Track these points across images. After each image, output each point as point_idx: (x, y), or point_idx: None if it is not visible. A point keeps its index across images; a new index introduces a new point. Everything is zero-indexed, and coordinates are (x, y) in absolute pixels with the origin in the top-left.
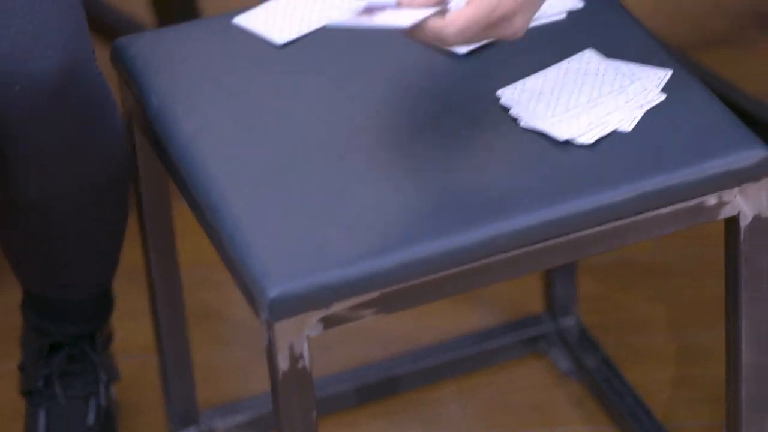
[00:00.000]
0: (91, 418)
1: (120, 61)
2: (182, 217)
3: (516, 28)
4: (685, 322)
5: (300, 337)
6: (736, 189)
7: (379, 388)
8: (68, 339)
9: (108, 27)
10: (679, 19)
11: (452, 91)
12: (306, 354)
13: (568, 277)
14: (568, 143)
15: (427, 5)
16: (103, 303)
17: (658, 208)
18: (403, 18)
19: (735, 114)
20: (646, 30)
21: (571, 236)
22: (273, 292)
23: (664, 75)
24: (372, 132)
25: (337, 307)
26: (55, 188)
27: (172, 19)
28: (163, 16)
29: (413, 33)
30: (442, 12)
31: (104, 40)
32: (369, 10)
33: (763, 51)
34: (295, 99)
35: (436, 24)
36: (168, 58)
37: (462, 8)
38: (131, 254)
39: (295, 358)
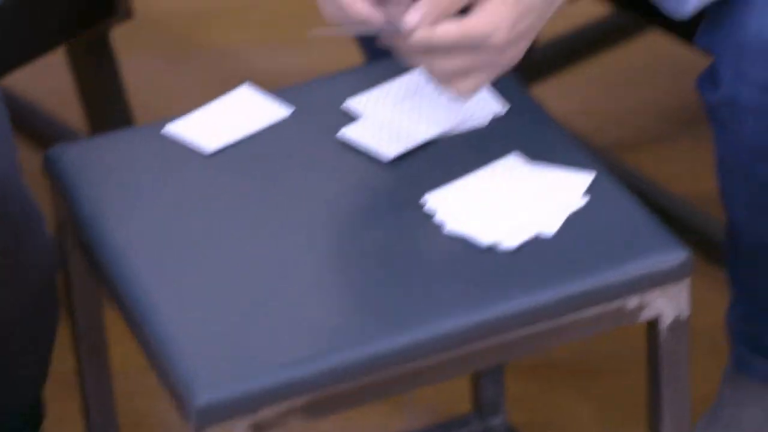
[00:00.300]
0: None
1: (52, 170)
2: (115, 324)
3: (508, 58)
4: (613, 420)
5: None
6: (657, 291)
7: None
8: None
9: (40, 134)
10: (605, 118)
11: (379, 198)
12: None
13: (496, 377)
14: (491, 247)
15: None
16: (34, 413)
17: (580, 310)
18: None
19: (659, 213)
20: (569, 134)
21: (496, 340)
22: (200, 399)
23: (586, 179)
24: (299, 240)
25: (265, 413)
26: None
27: (105, 126)
28: (96, 123)
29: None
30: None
31: (37, 147)
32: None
33: (687, 150)
34: (224, 207)
35: (424, 33)
36: (100, 167)
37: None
38: (63, 362)
39: None
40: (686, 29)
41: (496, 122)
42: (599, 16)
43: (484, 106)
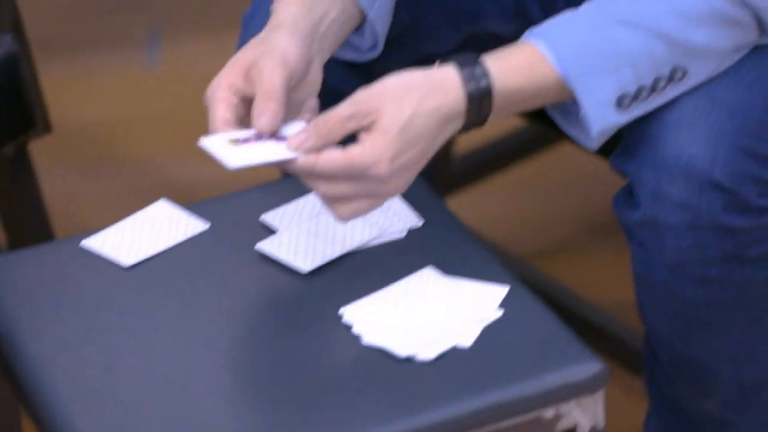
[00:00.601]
0: None
1: None
2: None
3: (390, 189)
4: None
5: None
6: (572, 402)
7: None
8: None
9: None
10: (522, 228)
11: (296, 310)
12: None
13: None
14: (409, 359)
15: (315, 150)
16: None
17: (498, 421)
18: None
19: (575, 322)
20: (484, 246)
21: None
22: None
23: (501, 291)
24: (216, 353)
25: None
26: None
27: (24, 238)
28: (15, 236)
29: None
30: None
31: None
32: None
33: (603, 259)
34: (143, 321)
35: (309, 161)
36: (17, 282)
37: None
38: None
39: None
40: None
41: (412, 235)
42: (514, 128)
43: (400, 219)
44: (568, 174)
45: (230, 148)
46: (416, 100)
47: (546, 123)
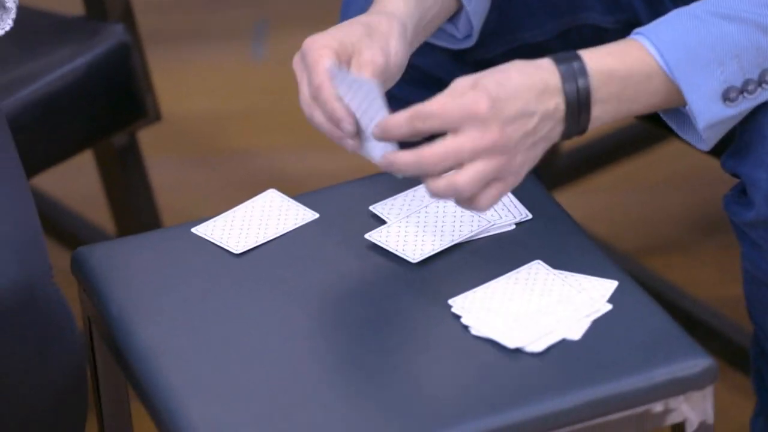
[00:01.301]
0: None
1: (80, 271)
2: (142, 421)
3: (494, 136)
4: None
5: None
6: (681, 397)
7: None
8: None
9: (68, 234)
10: (628, 224)
11: (405, 300)
12: None
13: None
14: (518, 351)
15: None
16: None
17: (606, 414)
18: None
19: (683, 319)
20: (593, 241)
21: None
22: None
23: (610, 286)
24: (327, 342)
25: None
26: (6, 408)
27: (132, 226)
28: (123, 224)
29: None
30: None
31: (65, 247)
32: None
33: (710, 256)
34: (253, 308)
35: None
36: (128, 268)
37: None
38: None
39: None
40: None
41: (521, 228)
42: (621, 124)
43: (509, 212)
44: (674, 171)
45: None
46: (512, 68)
47: (652, 121)
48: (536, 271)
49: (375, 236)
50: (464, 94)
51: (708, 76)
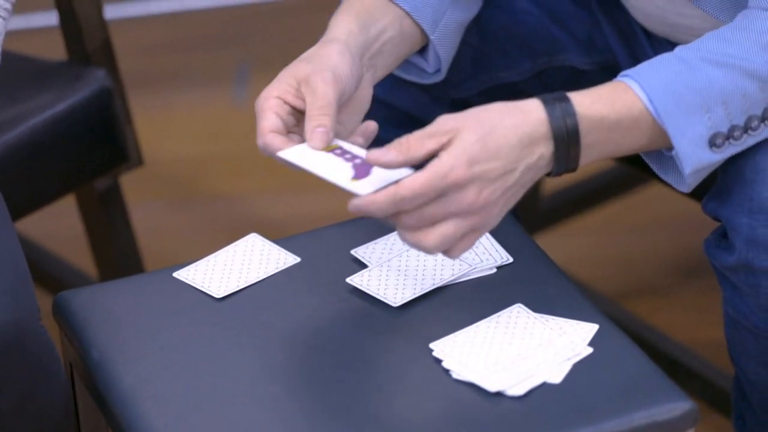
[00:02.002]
0: None
1: (62, 315)
2: None
3: (470, 200)
4: None
5: None
6: None
7: None
8: None
9: (50, 277)
10: (609, 267)
11: (386, 344)
12: None
13: None
14: (499, 394)
15: (395, 165)
16: None
17: None
18: (361, 185)
19: (664, 362)
20: (573, 284)
21: None
22: None
23: (591, 329)
24: (308, 386)
25: None
26: None
27: (114, 270)
28: (105, 267)
29: (364, 202)
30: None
31: (46, 290)
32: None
33: (690, 299)
34: (234, 353)
35: (389, 191)
36: (109, 313)
37: (416, 174)
38: None
39: None
40: None
41: (502, 272)
42: (604, 168)
43: (490, 256)
44: (654, 214)
45: (305, 151)
46: (496, 117)
47: (634, 164)
48: (517, 314)
49: (356, 280)
50: (443, 162)
51: (695, 122)
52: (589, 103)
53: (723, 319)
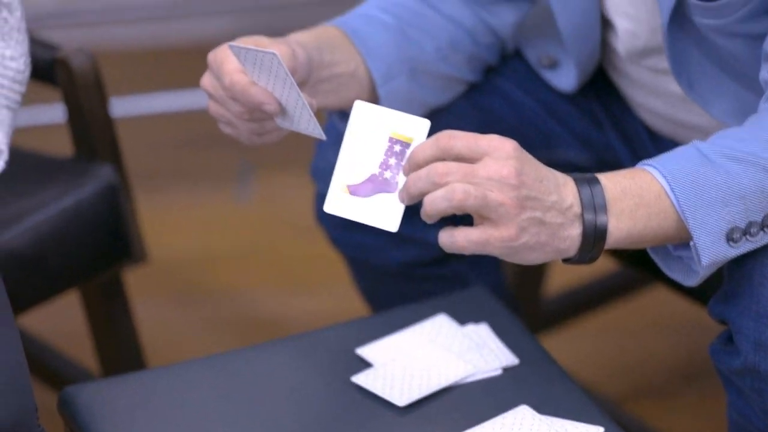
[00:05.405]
0: None
1: (67, 411)
2: None
3: (503, 173)
4: None
5: None
6: None
7: None
8: None
9: (52, 373)
10: (612, 370)
11: None
12: None
13: None
14: None
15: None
16: None
17: None
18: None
19: None
20: (579, 386)
21: None
22: None
23: None
24: None
25: None
26: None
27: (116, 366)
28: (107, 363)
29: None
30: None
31: (47, 385)
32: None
33: (692, 403)
34: None
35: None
36: (115, 408)
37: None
38: None
39: None
40: (692, 288)
41: (508, 373)
42: (607, 270)
43: (496, 358)
44: (659, 317)
45: (342, 197)
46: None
47: (638, 266)
48: (522, 416)
49: (361, 379)
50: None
51: (713, 214)
52: (611, 175)
53: (727, 423)
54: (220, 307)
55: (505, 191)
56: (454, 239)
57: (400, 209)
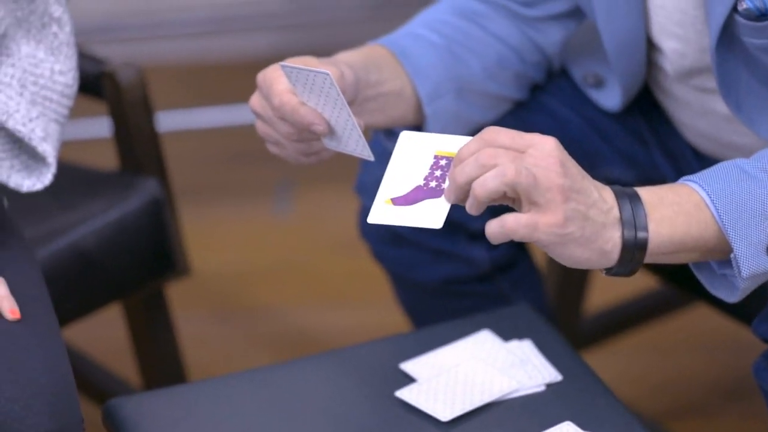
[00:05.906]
0: None
1: (112, 422)
2: None
3: (545, 162)
4: None
5: None
6: None
7: None
8: None
9: (93, 385)
10: (653, 388)
11: None
12: None
13: None
14: None
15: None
16: None
17: None
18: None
19: None
20: (622, 403)
21: None
22: None
23: None
24: None
25: None
26: None
27: (158, 379)
28: (149, 376)
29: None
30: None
31: (91, 400)
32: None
33: (732, 422)
34: None
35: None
36: (159, 421)
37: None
38: None
39: None
40: (734, 306)
41: (551, 389)
42: (647, 288)
43: (539, 374)
44: (701, 335)
45: (386, 208)
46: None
47: (678, 282)
48: None
49: (405, 394)
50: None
51: (754, 227)
52: (648, 188)
53: None
54: (260, 322)
55: (551, 178)
56: (503, 222)
57: (445, 208)
